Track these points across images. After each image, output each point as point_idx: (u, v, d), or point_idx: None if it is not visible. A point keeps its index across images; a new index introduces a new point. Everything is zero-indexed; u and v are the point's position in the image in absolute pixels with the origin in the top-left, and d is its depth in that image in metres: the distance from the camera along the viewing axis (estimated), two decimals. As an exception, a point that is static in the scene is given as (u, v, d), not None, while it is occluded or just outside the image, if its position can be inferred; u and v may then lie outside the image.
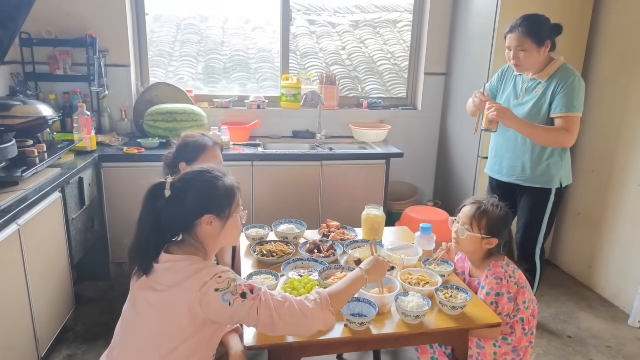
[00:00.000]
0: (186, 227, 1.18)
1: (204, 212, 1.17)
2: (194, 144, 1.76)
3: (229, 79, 3.40)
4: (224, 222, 1.20)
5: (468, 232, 1.59)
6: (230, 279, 1.13)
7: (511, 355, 1.57)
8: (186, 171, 1.23)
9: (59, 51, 2.79)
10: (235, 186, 1.24)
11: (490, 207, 1.60)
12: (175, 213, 1.16)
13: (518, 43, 1.97)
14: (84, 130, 2.46)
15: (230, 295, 1.10)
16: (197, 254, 1.19)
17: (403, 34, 3.59)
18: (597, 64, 2.82)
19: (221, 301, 1.09)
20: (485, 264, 1.62)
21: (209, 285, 1.10)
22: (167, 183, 1.17)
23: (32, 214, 1.77)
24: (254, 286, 1.14)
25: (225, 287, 1.10)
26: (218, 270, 1.14)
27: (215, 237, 1.21)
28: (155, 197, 1.17)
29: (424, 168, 3.57)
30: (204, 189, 1.19)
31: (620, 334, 2.40)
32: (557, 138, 2.00)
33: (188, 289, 1.11)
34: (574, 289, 2.87)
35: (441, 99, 3.45)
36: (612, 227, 2.71)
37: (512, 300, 1.54)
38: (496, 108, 1.99)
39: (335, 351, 1.83)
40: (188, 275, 1.13)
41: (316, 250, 1.78)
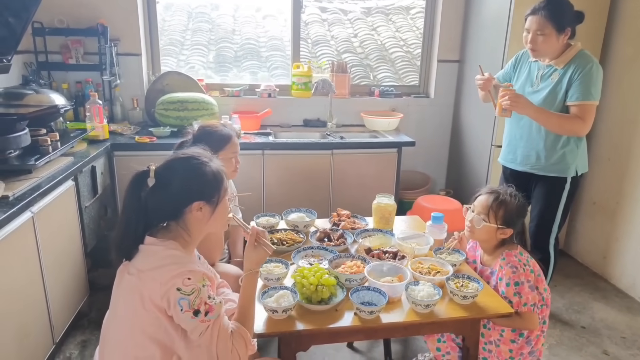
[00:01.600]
0: (174, 215, 1.15)
1: (195, 198, 1.14)
2: (219, 135, 1.75)
3: (240, 67, 3.39)
4: (214, 207, 1.18)
5: (484, 222, 1.56)
6: (196, 288, 1.07)
7: (526, 348, 1.55)
8: (171, 158, 1.20)
9: (71, 40, 2.80)
10: (222, 170, 1.21)
11: (508, 197, 1.57)
12: (162, 201, 1.14)
13: (538, 27, 1.92)
14: (97, 119, 2.48)
15: (186, 304, 1.05)
16: (178, 240, 1.15)
17: (416, 21, 3.52)
18: (615, 50, 2.73)
19: (177, 303, 1.05)
20: (498, 253, 1.60)
21: (174, 282, 1.05)
22: (151, 171, 1.13)
23: (46, 202, 1.79)
24: (213, 309, 1.08)
25: (186, 293, 1.06)
26: (190, 269, 1.09)
27: (205, 224, 1.18)
28: (139, 186, 1.14)
29: (437, 157, 3.53)
30: (193, 176, 1.16)
31: (636, 325, 2.36)
32: (572, 126, 1.95)
33: (153, 279, 1.07)
34: (588, 279, 2.83)
35: (454, 87, 3.39)
36: (628, 217, 2.65)
37: (534, 289, 1.51)
38: (509, 97, 1.94)
39: (345, 339, 1.84)
40: (158, 264, 1.09)
41: (326, 239, 1.78)
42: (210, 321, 1.09)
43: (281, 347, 1.31)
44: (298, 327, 1.27)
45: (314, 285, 1.34)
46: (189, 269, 1.08)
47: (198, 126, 1.83)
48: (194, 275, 1.08)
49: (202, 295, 1.07)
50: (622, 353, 2.14)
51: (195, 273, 1.08)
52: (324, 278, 1.36)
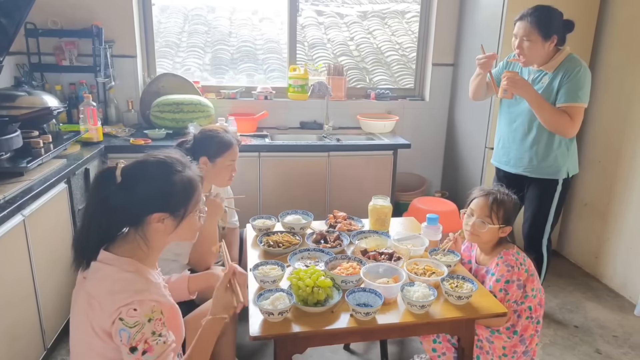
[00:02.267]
0: (134, 221, 1.06)
1: (156, 209, 1.04)
2: (220, 141, 1.73)
3: (237, 70, 3.39)
4: (177, 221, 1.08)
5: (489, 225, 1.58)
6: (140, 323, 0.97)
7: (520, 347, 1.57)
8: (142, 158, 1.10)
9: (64, 42, 2.79)
10: (196, 181, 1.11)
11: (504, 196, 1.60)
12: (123, 203, 1.03)
13: (524, 32, 1.94)
14: (90, 122, 2.47)
15: (125, 335, 0.96)
16: (135, 255, 1.07)
17: (411, 24, 3.55)
18: (604, 54, 2.77)
19: (118, 332, 0.97)
20: (495, 252, 1.62)
21: (120, 311, 0.97)
22: (118, 169, 1.05)
23: (38, 205, 1.77)
24: (152, 350, 0.98)
25: (128, 325, 0.96)
26: (140, 298, 0.99)
27: (166, 236, 1.09)
28: (103, 184, 1.04)
29: (432, 159, 3.55)
30: (159, 184, 1.06)
31: (627, 324, 2.39)
32: (561, 123, 1.96)
33: (101, 309, 0.99)
34: (580, 279, 2.86)
35: (449, 90, 3.42)
36: (618, 217, 2.68)
37: (522, 288, 1.55)
38: (508, 77, 1.96)
39: (341, 341, 1.84)
40: (107, 290, 1.00)
41: (323, 240, 1.78)
42: None
43: (277, 350, 1.31)
44: (294, 329, 1.27)
45: (310, 287, 1.34)
46: (138, 299, 0.98)
47: (200, 129, 1.82)
48: (142, 307, 0.98)
49: (144, 330, 0.97)
50: (614, 351, 2.16)
51: (144, 304, 0.98)
52: (320, 280, 1.36)
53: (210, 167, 1.74)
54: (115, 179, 1.04)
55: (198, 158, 1.73)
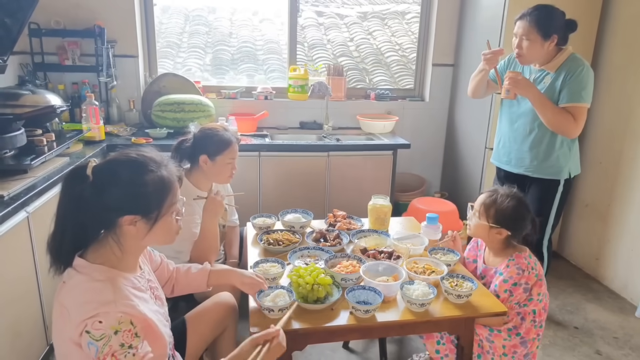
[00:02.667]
0: (106, 224, 1.02)
1: (127, 211, 1.00)
2: (219, 139, 1.74)
3: (237, 70, 3.40)
4: (150, 224, 1.03)
5: (475, 218, 1.61)
6: (106, 335, 0.92)
7: (520, 348, 1.57)
8: (114, 157, 1.05)
9: (67, 42, 2.81)
10: (171, 181, 1.05)
11: (500, 197, 1.58)
12: (94, 204, 0.99)
13: (524, 32, 1.95)
14: (93, 120, 2.48)
15: (93, 349, 0.92)
16: (109, 260, 1.02)
17: (411, 25, 3.56)
18: (606, 55, 2.78)
19: (87, 346, 0.93)
20: (506, 254, 1.61)
21: (85, 324, 0.93)
22: (89, 167, 1.00)
23: (41, 202, 1.79)
24: None
25: (95, 338, 0.92)
26: (105, 310, 0.94)
27: (140, 240, 1.04)
28: (74, 183, 0.99)
29: (432, 159, 3.55)
30: (130, 184, 1.00)
31: (628, 326, 2.39)
32: (564, 123, 1.96)
33: (69, 320, 0.95)
34: (581, 281, 2.86)
35: (449, 90, 3.43)
36: (620, 219, 2.69)
37: (527, 292, 1.54)
38: (511, 77, 1.95)
39: (341, 338, 1.85)
40: (76, 302, 0.96)
41: (322, 239, 1.79)
42: None
43: (277, 346, 1.31)
44: (294, 326, 1.28)
45: (310, 284, 1.35)
46: (104, 310, 0.93)
47: (200, 128, 1.82)
48: (107, 319, 0.93)
49: (111, 343, 0.92)
50: (615, 353, 2.17)
51: (109, 315, 0.93)
52: (320, 277, 1.37)
53: (211, 165, 1.75)
54: (86, 177, 0.99)
55: (198, 156, 1.75)
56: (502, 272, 1.55)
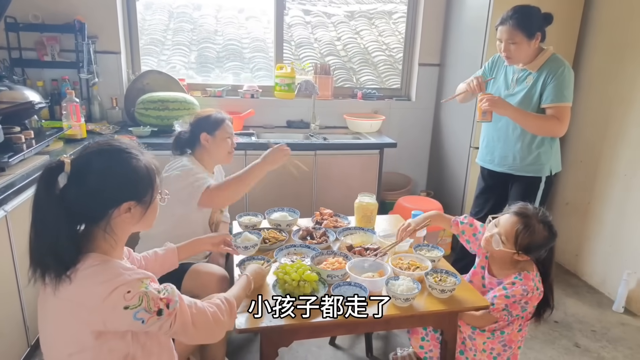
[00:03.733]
0: (99, 217, 1.00)
1: (124, 199, 1.00)
2: (214, 117, 1.89)
3: (223, 68, 3.38)
4: (146, 207, 1.05)
5: (502, 246, 1.48)
6: (141, 294, 0.96)
7: (501, 350, 1.57)
8: (91, 149, 1.02)
9: (46, 37, 2.74)
10: (155, 164, 1.09)
11: (536, 227, 1.45)
12: (83, 201, 0.97)
13: (509, 36, 1.98)
14: (73, 118, 2.43)
15: (144, 313, 0.96)
16: (99, 249, 1.01)
17: (398, 25, 3.58)
18: (587, 56, 2.84)
19: (133, 320, 0.95)
20: (513, 268, 1.54)
21: (114, 302, 0.93)
22: (67, 164, 0.96)
23: (20, 201, 1.74)
24: (171, 299, 1.00)
25: (137, 304, 0.95)
26: (123, 281, 0.95)
27: (132, 225, 1.06)
28: (52, 184, 0.95)
29: (418, 159, 3.59)
30: (121, 173, 1.00)
31: (605, 319, 2.46)
32: (550, 127, 2.02)
33: (84, 305, 0.94)
34: (561, 276, 2.92)
35: (435, 90, 3.46)
36: (599, 216, 2.75)
37: (525, 310, 1.51)
38: (488, 99, 2.00)
39: (327, 334, 1.85)
40: (87, 290, 0.95)
41: (309, 237, 1.79)
42: (176, 308, 1.01)
43: (263, 343, 1.31)
44: (279, 323, 1.27)
45: (296, 281, 1.35)
46: (120, 283, 0.95)
47: (194, 115, 1.94)
48: (131, 286, 0.96)
49: (151, 296, 0.97)
50: (592, 345, 2.22)
51: (130, 283, 0.96)
52: (306, 274, 1.37)
53: (212, 141, 1.86)
54: (62, 176, 0.96)
55: (199, 137, 1.85)
56: (507, 287, 1.49)
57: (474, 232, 1.69)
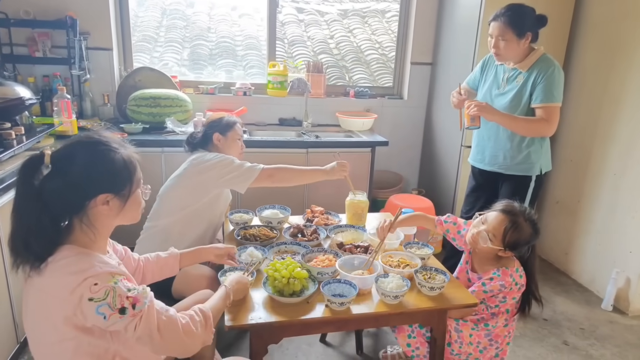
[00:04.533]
0: (76, 209, 1.00)
1: (101, 190, 1.01)
2: (227, 120, 2.00)
3: (215, 65, 3.37)
4: (124, 200, 1.05)
5: (490, 244, 1.51)
6: (109, 289, 0.94)
7: (487, 344, 1.59)
8: (72, 142, 1.04)
9: (37, 33, 2.72)
10: (135, 158, 1.09)
11: (524, 224, 1.49)
12: (60, 192, 0.97)
13: (499, 32, 1.99)
14: (65, 114, 2.42)
15: (106, 309, 0.94)
16: (77, 242, 1.01)
17: (391, 24, 3.59)
18: (578, 56, 2.87)
19: (95, 314, 0.93)
20: (494, 263, 1.57)
21: (81, 293, 0.93)
22: (47, 156, 0.98)
23: (10, 197, 1.73)
24: (138, 300, 0.98)
25: (101, 298, 0.93)
26: (93, 272, 0.95)
27: (112, 219, 1.06)
28: (31, 175, 0.97)
29: (409, 157, 3.60)
30: (98, 164, 1.01)
31: (594, 317, 2.49)
32: (538, 128, 2.04)
33: (56, 297, 0.94)
34: (551, 275, 2.95)
35: (427, 89, 3.48)
36: (588, 215, 2.79)
37: (504, 301, 1.54)
38: (476, 104, 2.02)
39: (317, 331, 1.86)
40: (58, 281, 0.95)
41: (300, 234, 1.80)
42: (142, 310, 0.98)
43: (252, 340, 1.31)
44: (269, 320, 1.28)
45: (285, 278, 1.36)
46: (90, 274, 0.94)
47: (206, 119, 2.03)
48: (100, 278, 0.95)
49: (118, 292, 0.95)
50: (581, 343, 2.25)
51: (99, 275, 0.95)
52: (295, 271, 1.38)
53: (224, 141, 1.95)
54: (44, 168, 0.98)
55: (211, 137, 1.94)
56: (485, 283, 1.53)
57: (458, 229, 1.71)
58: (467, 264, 1.69)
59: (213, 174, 1.79)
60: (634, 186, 2.48)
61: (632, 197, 2.49)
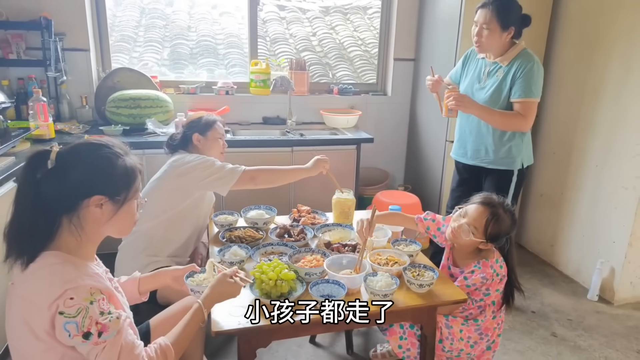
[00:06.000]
0: (68, 207, 0.99)
1: (95, 191, 1.00)
2: (206, 119, 1.95)
3: (196, 65, 3.31)
4: (117, 207, 1.04)
5: (472, 236, 1.52)
6: (82, 307, 0.91)
7: (478, 339, 1.59)
8: (79, 142, 1.06)
9: (11, 34, 2.63)
10: (137, 169, 1.09)
11: (504, 215, 1.51)
12: (57, 188, 0.98)
13: (484, 20, 2.00)
14: (41, 118, 2.34)
15: (73, 327, 0.91)
16: (64, 246, 1.00)
17: (373, 20, 3.58)
18: (557, 50, 2.90)
19: (62, 329, 0.91)
20: (474, 256, 1.58)
21: (57, 304, 0.91)
22: (53, 152, 0.99)
23: (-14, 203, 1.67)
24: (107, 329, 0.94)
25: (71, 315, 0.91)
26: (73, 285, 0.93)
27: (102, 224, 1.04)
28: (35, 168, 0.98)
29: (395, 153, 3.60)
30: (98, 165, 1.02)
31: (580, 308, 2.52)
32: (514, 123, 2.05)
33: (35, 306, 0.92)
34: (537, 267, 2.98)
35: (410, 84, 3.48)
36: (572, 207, 2.82)
37: (487, 294, 1.55)
38: (454, 97, 2.03)
39: (306, 333, 1.83)
40: (38, 289, 0.93)
41: (287, 235, 1.77)
42: (106, 341, 0.93)
43: (240, 345, 1.28)
44: (259, 323, 1.25)
45: (273, 280, 1.33)
46: (71, 286, 0.92)
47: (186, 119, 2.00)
48: (78, 293, 0.92)
49: (90, 314, 0.92)
50: (569, 334, 2.27)
51: (78, 289, 0.92)
52: (283, 273, 1.35)
53: (204, 141, 1.91)
54: (47, 163, 0.98)
55: (191, 138, 1.90)
56: (467, 277, 1.55)
57: (437, 226, 1.72)
58: (449, 260, 1.70)
59: (194, 177, 1.75)
60: (615, 177, 2.51)
61: (613, 187, 2.52)
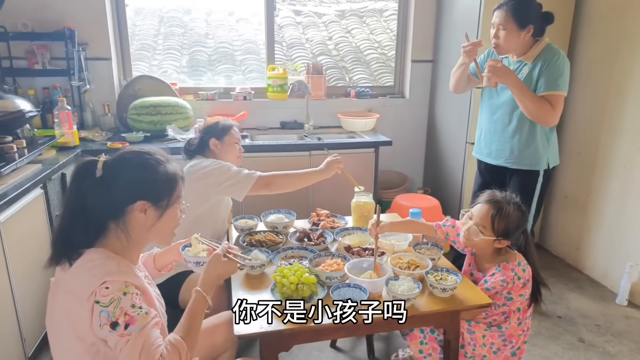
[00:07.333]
0: (115, 214, 1.04)
1: (139, 197, 1.05)
2: (223, 124, 1.97)
3: (215, 71, 3.35)
4: (160, 212, 1.08)
5: (482, 236, 1.50)
6: (115, 298, 0.95)
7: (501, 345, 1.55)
8: (123, 151, 1.11)
9: (36, 45, 2.72)
10: (179, 175, 1.13)
11: (510, 208, 1.49)
12: (104, 196, 1.02)
13: (500, 21, 1.97)
14: (65, 126, 2.41)
15: (104, 316, 0.94)
16: (110, 246, 1.05)
17: (390, 22, 3.57)
18: (582, 47, 2.83)
19: (98, 318, 0.94)
20: (495, 260, 1.56)
21: (95, 293, 0.95)
22: (100, 162, 1.04)
23: (13, 211, 1.72)
24: (134, 321, 0.95)
25: (104, 304, 0.94)
26: (111, 277, 0.97)
27: (147, 229, 1.08)
28: (83, 177, 1.04)
29: (413, 156, 3.57)
30: (142, 172, 1.07)
31: (609, 313, 2.44)
32: (543, 111, 1.97)
33: (79, 297, 0.96)
34: (563, 271, 2.90)
35: (429, 86, 3.44)
36: (598, 209, 2.74)
37: (510, 299, 1.51)
38: (489, 65, 1.97)
39: (327, 337, 1.83)
40: (81, 281, 0.98)
41: (306, 239, 1.77)
42: (131, 334, 0.94)
43: (262, 348, 1.28)
44: (279, 327, 1.25)
45: (294, 284, 1.33)
46: (110, 279, 0.97)
47: (202, 125, 2.02)
48: (113, 284, 0.96)
49: (122, 304, 0.95)
50: (597, 340, 2.20)
51: (114, 281, 0.97)
52: (304, 277, 1.35)
53: (220, 146, 1.92)
54: (94, 172, 1.03)
55: (208, 143, 1.91)
56: (488, 280, 1.52)
57: (457, 232, 1.67)
58: (470, 266, 1.66)
59: (210, 182, 1.76)
60: (644, 177, 2.43)
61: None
